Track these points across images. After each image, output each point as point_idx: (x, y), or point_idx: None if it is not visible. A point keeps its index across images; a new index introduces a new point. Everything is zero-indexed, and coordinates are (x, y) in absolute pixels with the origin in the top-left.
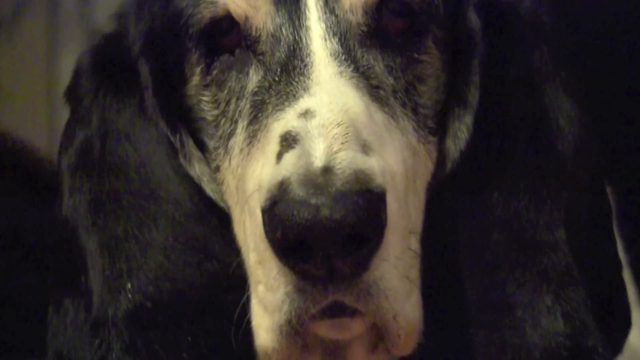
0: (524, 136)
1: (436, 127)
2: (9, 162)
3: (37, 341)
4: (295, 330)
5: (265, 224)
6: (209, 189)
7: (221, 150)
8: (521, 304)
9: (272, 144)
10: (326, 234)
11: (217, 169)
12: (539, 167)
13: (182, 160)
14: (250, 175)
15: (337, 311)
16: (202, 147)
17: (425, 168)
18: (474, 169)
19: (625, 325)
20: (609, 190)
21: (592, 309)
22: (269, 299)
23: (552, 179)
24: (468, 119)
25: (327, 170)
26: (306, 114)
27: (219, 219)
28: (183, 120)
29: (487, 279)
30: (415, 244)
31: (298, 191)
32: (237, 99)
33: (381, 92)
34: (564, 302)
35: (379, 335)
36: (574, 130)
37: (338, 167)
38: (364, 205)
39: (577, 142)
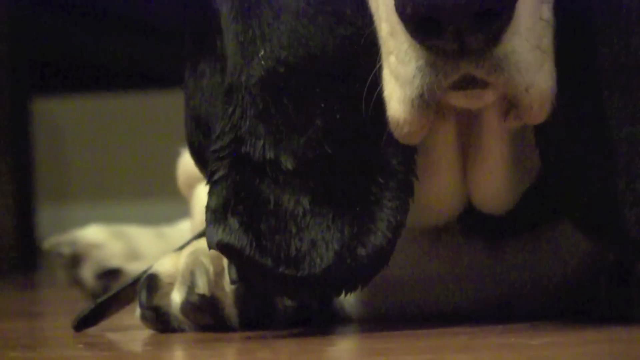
0: None
1: None
2: None
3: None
4: (426, 103)
5: None
6: None
7: None
8: None
9: None
10: (456, 9)
11: None
12: None
13: None
14: None
15: (468, 83)
16: None
17: None
18: None
19: None
20: None
21: None
22: (400, 70)
23: None
24: None
25: None
26: None
27: None
28: None
29: (620, 43)
30: (547, 13)
31: None
32: None
33: None
34: None
35: (510, 104)
36: None
37: None
38: None
39: None
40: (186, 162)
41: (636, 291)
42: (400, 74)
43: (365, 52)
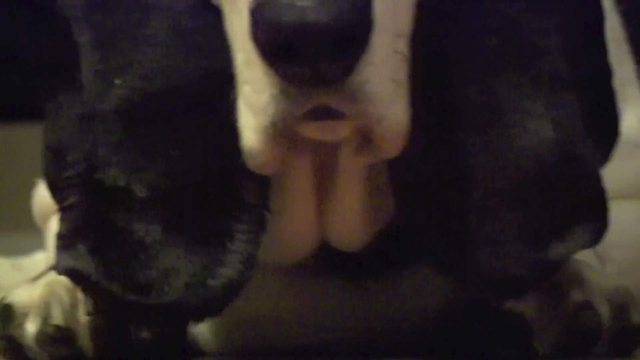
0: None
1: None
2: None
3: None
4: (279, 133)
5: (251, 25)
6: None
7: None
8: (512, 108)
9: None
10: (312, 37)
11: None
12: None
13: None
14: None
15: (322, 114)
16: None
17: None
18: None
19: (614, 135)
20: None
21: (582, 116)
22: (254, 100)
23: None
24: None
25: None
26: None
27: (214, 15)
28: None
29: (478, 82)
30: (402, 46)
31: None
32: None
33: None
34: (554, 109)
35: (365, 138)
36: None
37: None
38: (350, 7)
39: None
40: (42, 194)
41: (497, 329)
42: (254, 102)
43: (224, 84)
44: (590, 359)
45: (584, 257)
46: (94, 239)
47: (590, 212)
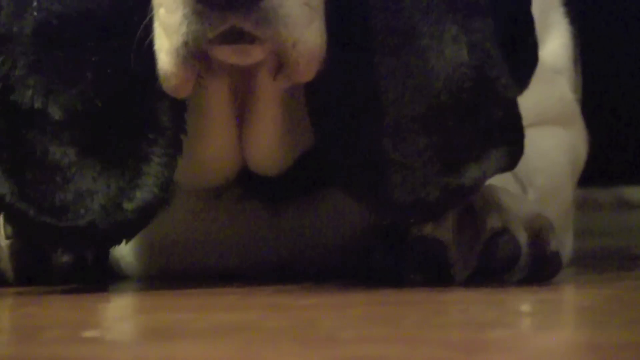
0: None
1: None
2: None
3: None
4: (192, 54)
5: None
6: None
7: None
8: (427, 33)
9: None
10: None
11: None
12: None
13: None
14: None
15: (236, 38)
16: None
17: None
18: None
19: (531, 61)
20: None
21: (498, 42)
22: (168, 21)
23: None
24: None
25: None
26: None
27: None
28: None
29: (393, 6)
30: None
31: None
32: None
33: None
34: (469, 33)
35: (280, 63)
36: None
37: None
38: None
39: None
40: None
41: (407, 255)
42: (168, 23)
43: (140, 8)
44: (508, 285)
45: (506, 183)
46: (9, 161)
47: (505, 136)
